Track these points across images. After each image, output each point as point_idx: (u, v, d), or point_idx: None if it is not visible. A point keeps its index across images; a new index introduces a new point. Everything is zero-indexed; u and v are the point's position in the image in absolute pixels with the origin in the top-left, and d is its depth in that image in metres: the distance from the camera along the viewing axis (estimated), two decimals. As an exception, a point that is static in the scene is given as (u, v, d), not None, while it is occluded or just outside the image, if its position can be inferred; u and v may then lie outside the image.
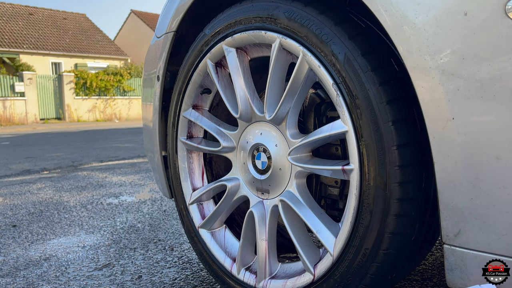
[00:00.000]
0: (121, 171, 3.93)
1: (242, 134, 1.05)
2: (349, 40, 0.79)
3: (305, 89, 0.91)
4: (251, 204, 1.05)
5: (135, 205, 2.48)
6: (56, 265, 1.56)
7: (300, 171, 0.93)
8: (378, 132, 0.75)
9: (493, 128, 0.63)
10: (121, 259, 1.59)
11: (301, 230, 0.96)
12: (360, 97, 0.77)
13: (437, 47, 0.66)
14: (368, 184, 0.78)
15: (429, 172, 0.77)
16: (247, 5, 0.97)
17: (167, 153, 1.29)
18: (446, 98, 0.65)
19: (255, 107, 0.99)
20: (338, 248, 0.85)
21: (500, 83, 0.61)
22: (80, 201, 2.67)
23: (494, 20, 0.61)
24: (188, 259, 1.56)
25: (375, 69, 0.76)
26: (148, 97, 1.36)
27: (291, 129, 0.94)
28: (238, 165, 1.08)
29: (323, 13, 0.83)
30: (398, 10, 0.69)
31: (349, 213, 0.82)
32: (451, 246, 0.70)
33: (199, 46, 1.10)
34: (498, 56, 0.61)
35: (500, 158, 0.63)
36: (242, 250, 1.07)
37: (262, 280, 1.00)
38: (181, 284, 1.33)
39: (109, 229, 2.01)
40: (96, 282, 1.38)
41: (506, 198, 0.63)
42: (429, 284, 1.22)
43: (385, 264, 0.79)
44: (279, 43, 0.89)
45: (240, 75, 1.01)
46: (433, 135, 0.68)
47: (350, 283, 0.84)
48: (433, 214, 0.81)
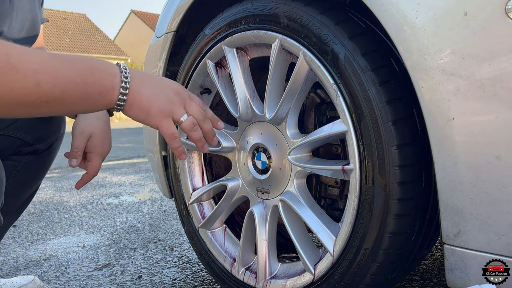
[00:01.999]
0: (121, 171, 3.93)
1: (242, 134, 1.05)
2: (349, 40, 0.79)
3: (305, 89, 0.91)
4: (251, 204, 1.05)
5: (135, 205, 2.48)
6: (56, 265, 1.56)
7: (300, 171, 0.93)
8: (378, 132, 0.75)
9: (493, 128, 0.63)
10: (121, 259, 1.59)
11: (301, 230, 0.96)
12: (360, 97, 0.77)
13: (437, 47, 0.66)
14: (368, 184, 0.78)
15: (429, 172, 0.77)
16: (247, 5, 0.97)
17: (167, 153, 1.29)
18: (446, 98, 0.65)
19: (255, 107, 0.99)
20: (338, 248, 0.85)
21: (500, 83, 0.61)
22: (80, 201, 2.68)
23: (494, 20, 0.61)
24: (188, 259, 1.56)
25: (375, 69, 0.76)
26: (148, 97, 1.36)
27: (291, 129, 0.94)
28: (238, 165, 1.08)
29: (323, 13, 0.83)
30: (398, 10, 0.69)
31: (349, 213, 0.82)
32: (451, 246, 0.70)
33: (199, 46, 1.10)
34: (498, 56, 0.61)
35: (500, 158, 0.63)
36: (242, 250, 1.07)
37: (262, 280, 1.00)
38: (181, 284, 1.33)
39: (109, 229, 2.01)
40: (96, 282, 1.38)
41: (506, 198, 0.63)
42: (429, 284, 1.23)
43: (385, 264, 0.80)
44: (279, 43, 0.89)
45: (240, 75, 1.01)
46: (433, 135, 0.68)
47: (350, 283, 0.84)
48: (433, 214, 0.81)
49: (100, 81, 0.65)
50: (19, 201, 1.11)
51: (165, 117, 0.71)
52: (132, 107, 0.69)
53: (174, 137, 0.74)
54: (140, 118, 0.71)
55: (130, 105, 0.68)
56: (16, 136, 1.05)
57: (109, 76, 0.66)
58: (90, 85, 0.63)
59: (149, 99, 0.70)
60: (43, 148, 1.10)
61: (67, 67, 0.62)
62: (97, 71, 0.65)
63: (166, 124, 0.72)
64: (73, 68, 0.62)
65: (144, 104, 0.69)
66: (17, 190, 1.07)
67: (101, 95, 0.65)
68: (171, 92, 0.73)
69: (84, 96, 0.63)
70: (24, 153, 1.08)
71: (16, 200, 1.10)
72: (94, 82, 0.64)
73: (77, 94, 0.62)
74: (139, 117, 0.70)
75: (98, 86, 0.64)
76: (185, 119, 0.73)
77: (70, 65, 0.62)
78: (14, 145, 1.06)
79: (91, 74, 0.64)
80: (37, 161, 1.11)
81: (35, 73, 0.58)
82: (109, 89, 0.65)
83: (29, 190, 1.13)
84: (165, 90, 0.72)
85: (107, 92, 0.65)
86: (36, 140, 1.08)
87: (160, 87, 0.72)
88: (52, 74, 0.59)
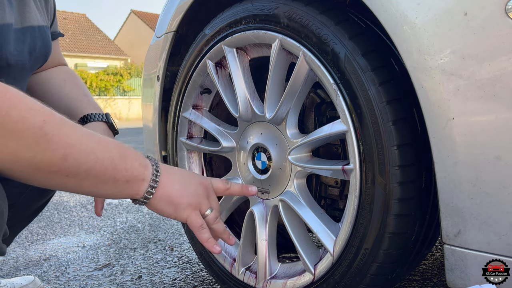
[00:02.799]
0: (121, 171, 3.93)
1: (242, 134, 1.05)
2: (349, 40, 0.79)
3: (305, 89, 0.91)
4: (251, 204, 1.05)
5: (135, 205, 2.48)
6: (56, 265, 1.56)
7: (300, 171, 0.93)
8: (378, 132, 0.75)
9: (493, 128, 0.63)
10: (121, 259, 1.59)
11: (301, 230, 0.96)
12: (360, 97, 0.77)
13: (437, 47, 0.66)
14: (368, 184, 0.78)
15: (429, 172, 0.77)
16: (247, 5, 0.97)
17: (167, 153, 1.29)
18: (446, 98, 0.65)
19: (255, 107, 0.99)
20: (338, 248, 0.85)
21: (500, 83, 0.61)
22: (80, 201, 2.68)
23: (494, 20, 0.61)
24: (188, 259, 1.56)
25: (375, 69, 0.76)
26: (148, 97, 1.36)
27: (291, 129, 0.94)
28: (238, 165, 1.08)
29: (323, 13, 0.83)
30: (398, 10, 0.69)
31: (349, 213, 0.82)
32: (451, 246, 0.70)
33: (199, 46, 1.10)
34: (498, 56, 0.61)
35: (500, 158, 0.63)
36: (242, 250, 1.07)
37: (262, 280, 1.00)
38: (181, 284, 1.33)
39: (109, 229, 2.01)
40: (96, 282, 1.38)
41: (506, 198, 0.63)
42: (429, 284, 1.23)
43: (385, 264, 0.80)
44: (279, 43, 0.89)
45: (240, 75, 1.01)
46: (433, 135, 0.68)
47: (350, 283, 0.84)
48: (433, 214, 0.81)
49: (131, 170, 0.62)
50: (32, 210, 1.09)
51: (193, 210, 0.70)
52: (160, 201, 0.67)
53: (203, 228, 0.72)
54: (168, 212, 0.69)
55: (159, 198, 0.67)
56: None
57: (141, 167, 0.64)
58: (119, 171, 0.61)
59: (180, 193, 0.69)
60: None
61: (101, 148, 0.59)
62: (129, 160, 0.63)
63: (195, 217, 0.71)
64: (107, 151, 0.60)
65: (174, 198, 0.68)
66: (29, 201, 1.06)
67: (128, 184, 0.63)
68: (198, 185, 0.72)
69: (110, 181, 0.61)
70: None
71: (27, 211, 1.08)
72: (124, 169, 0.62)
73: (103, 177, 0.60)
74: (166, 211, 0.69)
75: (128, 174, 0.62)
76: (210, 213, 0.73)
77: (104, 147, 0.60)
78: None
79: (123, 161, 0.62)
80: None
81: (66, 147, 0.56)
82: (139, 180, 0.64)
83: (42, 200, 1.12)
84: (193, 183, 0.71)
85: (135, 182, 0.63)
86: None
87: (189, 180, 0.71)
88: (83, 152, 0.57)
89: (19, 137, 0.53)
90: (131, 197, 0.66)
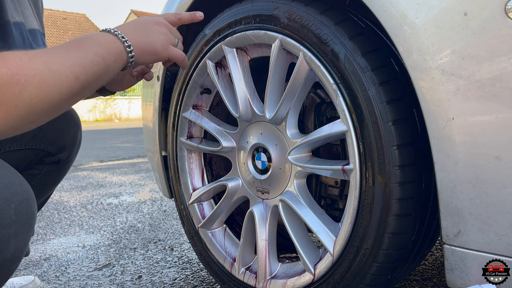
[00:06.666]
0: (121, 171, 3.93)
1: (242, 134, 1.05)
2: (349, 40, 0.79)
3: (305, 89, 0.91)
4: (251, 204, 1.05)
5: (135, 205, 2.48)
6: (56, 265, 1.56)
7: (300, 171, 0.93)
8: (378, 132, 0.75)
9: (493, 128, 0.63)
10: (121, 259, 1.59)
11: (301, 230, 0.96)
12: (360, 97, 0.77)
13: (437, 47, 0.66)
14: (368, 184, 0.78)
15: (429, 172, 0.77)
16: (247, 5, 0.97)
17: (167, 153, 1.29)
18: (446, 98, 0.66)
19: (255, 107, 0.99)
20: (338, 248, 0.85)
21: (500, 83, 0.61)
22: (80, 201, 2.68)
23: (494, 20, 0.61)
24: (188, 259, 1.56)
25: (375, 69, 0.76)
26: (148, 97, 1.36)
27: (291, 129, 0.94)
28: (238, 165, 1.08)
29: (323, 13, 0.83)
30: (398, 10, 0.69)
31: (349, 213, 0.82)
32: (451, 246, 0.70)
33: (199, 46, 1.10)
34: (498, 56, 0.61)
35: (500, 158, 0.63)
36: (242, 250, 1.07)
37: (262, 280, 1.00)
38: (181, 284, 1.33)
39: (109, 229, 2.01)
40: (96, 282, 1.38)
41: (506, 198, 0.63)
42: (429, 284, 1.23)
43: (385, 264, 0.80)
44: (279, 43, 0.89)
45: (240, 75, 1.01)
46: (433, 135, 0.68)
47: (350, 283, 0.84)
48: (433, 214, 0.81)
49: (111, 51, 0.70)
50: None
51: (168, 47, 0.80)
52: (141, 56, 0.75)
53: (185, 57, 0.84)
54: (153, 60, 0.78)
55: (139, 56, 0.74)
56: (40, 148, 1.10)
57: (112, 44, 0.71)
58: (106, 58, 0.68)
59: (150, 42, 0.76)
60: (65, 158, 1.16)
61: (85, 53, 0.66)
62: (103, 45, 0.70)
63: (174, 51, 0.81)
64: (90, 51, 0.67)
65: (148, 48, 0.76)
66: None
67: (116, 62, 0.71)
68: (156, 26, 0.80)
69: (106, 70, 0.69)
70: (47, 163, 1.14)
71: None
72: (108, 54, 0.69)
73: (101, 71, 0.68)
74: (151, 59, 0.78)
75: (112, 56, 0.69)
76: (178, 42, 0.83)
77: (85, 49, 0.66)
78: (38, 156, 1.12)
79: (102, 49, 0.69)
80: (56, 170, 1.16)
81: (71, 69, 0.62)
82: (119, 54, 0.71)
83: (44, 196, 1.18)
84: (151, 27, 0.79)
85: (118, 57, 0.71)
86: (59, 150, 1.14)
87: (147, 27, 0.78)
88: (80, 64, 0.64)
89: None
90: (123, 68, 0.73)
